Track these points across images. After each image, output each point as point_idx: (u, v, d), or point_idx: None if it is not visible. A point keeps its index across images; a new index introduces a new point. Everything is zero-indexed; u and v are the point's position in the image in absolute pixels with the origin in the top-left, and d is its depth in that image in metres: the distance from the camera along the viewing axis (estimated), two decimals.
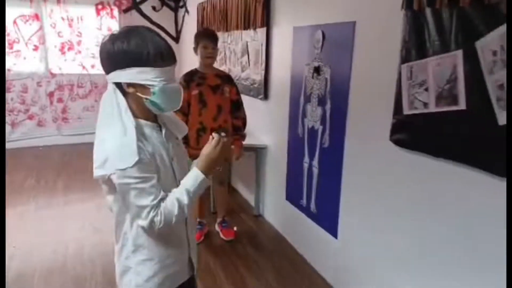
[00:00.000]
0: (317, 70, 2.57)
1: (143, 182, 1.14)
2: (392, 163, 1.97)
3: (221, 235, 3.16)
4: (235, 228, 3.29)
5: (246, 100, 3.66)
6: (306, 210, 2.82)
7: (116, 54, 1.13)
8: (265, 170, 3.50)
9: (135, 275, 1.27)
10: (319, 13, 2.54)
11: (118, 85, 1.17)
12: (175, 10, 6.10)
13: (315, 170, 2.68)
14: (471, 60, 1.50)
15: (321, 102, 2.55)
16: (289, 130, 2.99)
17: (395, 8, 1.84)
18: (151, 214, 1.15)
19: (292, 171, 3.00)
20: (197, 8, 4.86)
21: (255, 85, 3.47)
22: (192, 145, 2.93)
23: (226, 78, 2.96)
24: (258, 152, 3.47)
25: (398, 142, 1.89)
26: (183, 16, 5.82)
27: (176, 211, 1.18)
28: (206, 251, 2.98)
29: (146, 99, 1.17)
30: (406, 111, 1.82)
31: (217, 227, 3.24)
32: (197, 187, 1.23)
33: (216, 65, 3.05)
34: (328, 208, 2.54)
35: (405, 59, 1.79)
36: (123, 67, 1.13)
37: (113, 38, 1.15)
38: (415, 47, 1.75)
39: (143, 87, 1.16)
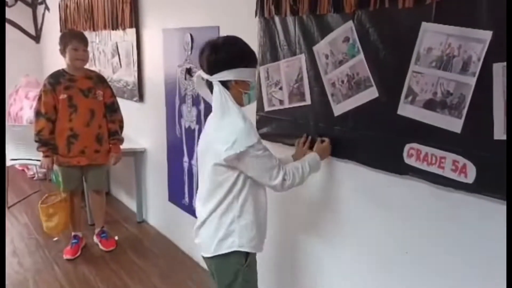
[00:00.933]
0: (189, 71, 2.64)
1: (266, 150, 1.48)
2: None
3: (101, 246, 3.01)
4: (116, 237, 3.16)
5: (120, 102, 3.52)
6: (188, 209, 2.88)
7: (227, 57, 1.42)
8: (145, 174, 3.44)
9: (239, 237, 1.51)
10: (186, 17, 2.61)
11: (223, 83, 1.44)
12: (33, 6, 5.48)
13: (195, 169, 2.75)
14: (311, 63, 1.75)
15: (195, 102, 2.63)
16: (167, 131, 3.00)
17: (252, 15, 2.02)
18: (281, 172, 1.49)
19: (173, 172, 3.03)
20: (59, 5, 4.46)
21: (129, 87, 3.38)
22: (61, 153, 2.72)
23: (98, 80, 2.80)
24: (137, 156, 3.39)
25: (262, 136, 2.07)
26: (43, 14, 5.27)
27: (299, 174, 1.55)
28: (85, 265, 2.81)
29: (245, 92, 1.48)
30: (267, 108, 2.02)
31: (95, 239, 3.07)
32: (316, 164, 1.64)
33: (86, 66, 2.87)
34: None
35: (262, 61, 1.99)
36: (232, 67, 1.42)
37: (220, 44, 1.44)
38: (269, 51, 1.95)
39: (244, 83, 1.47)
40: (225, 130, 1.44)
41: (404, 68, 1.41)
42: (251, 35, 2.05)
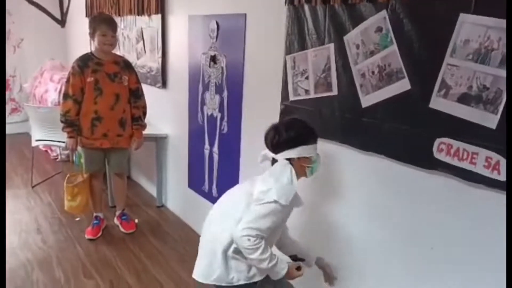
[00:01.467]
0: (213, 59, 2.64)
1: (276, 220, 1.51)
2: None
3: (121, 228, 3.07)
4: (136, 220, 3.22)
5: (143, 88, 3.57)
6: (208, 195, 2.91)
7: (289, 138, 1.57)
8: (166, 159, 3.48)
9: (237, 273, 1.55)
10: (212, 4, 2.60)
11: (287, 159, 1.57)
12: None
13: (216, 156, 2.77)
14: (341, 52, 1.73)
15: (219, 90, 2.63)
16: (189, 118, 3.02)
17: (281, 3, 2.00)
18: (256, 239, 1.46)
19: (194, 159, 3.05)
20: None
21: (152, 73, 3.40)
22: (85, 135, 2.77)
23: (125, 65, 2.83)
24: (158, 141, 3.42)
25: None
26: None
27: (259, 258, 1.47)
28: (106, 245, 2.87)
29: (308, 166, 1.60)
30: (292, 97, 2.01)
31: (116, 221, 3.14)
32: (271, 270, 1.52)
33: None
34: None
35: (289, 50, 1.97)
36: (294, 146, 1.56)
37: (282, 127, 1.61)
38: (296, 39, 1.93)
39: (306, 158, 1.59)
40: (271, 186, 1.52)
41: (438, 60, 1.38)
42: (278, 22, 2.04)
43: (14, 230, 3.00)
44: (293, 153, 1.57)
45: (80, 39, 4.89)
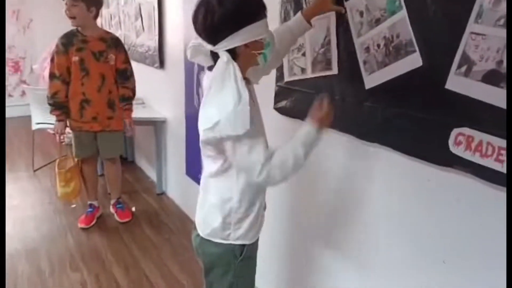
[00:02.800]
0: None
1: (252, 143, 1.16)
2: (277, 131, 1.89)
3: (116, 217, 2.93)
4: (133, 209, 3.08)
5: (142, 69, 3.39)
6: None
7: (228, 18, 1.10)
8: (166, 145, 3.29)
9: (234, 230, 1.30)
10: None
11: (230, 50, 1.13)
12: None
13: None
14: (343, 22, 1.43)
15: None
16: (186, 101, 2.80)
17: None
18: (265, 169, 1.17)
19: (190, 145, 2.84)
20: None
21: (150, 52, 3.19)
22: (74, 117, 2.61)
23: (112, 43, 2.59)
24: (157, 126, 3.23)
25: (280, 110, 1.81)
26: None
27: (291, 162, 1.19)
28: (98, 235, 2.74)
29: (259, 53, 1.18)
30: (287, 77, 1.73)
31: (111, 209, 2.99)
32: (313, 140, 1.23)
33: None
34: None
35: (284, 21, 1.69)
36: (238, 28, 1.11)
37: (215, 2, 1.09)
38: (292, 7, 1.64)
39: (256, 43, 1.16)
40: (213, 106, 1.14)
41: (459, 28, 1.07)
42: None
43: (9, 217, 2.91)
44: (238, 38, 1.12)
45: None
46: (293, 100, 1.73)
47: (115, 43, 2.61)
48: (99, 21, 4.28)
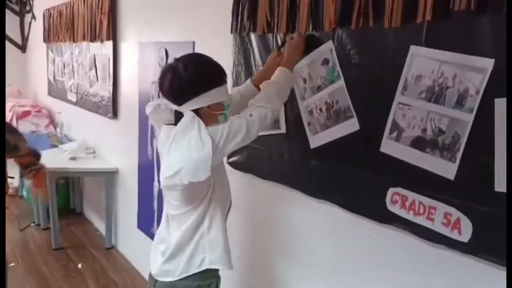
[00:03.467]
0: None
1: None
2: (231, 184, 1.92)
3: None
4: (79, 265, 2.89)
5: (94, 118, 3.34)
6: None
7: (196, 82, 1.22)
8: (116, 196, 3.18)
9: (209, 253, 1.33)
10: (161, 30, 2.42)
11: (194, 110, 1.23)
12: (20, 15, 5.32)
13: None
14: None
15: None
16: (139, 152, 2.77)
17: (228, 31, 1.82)
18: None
19: (143, 197, 2.78)
20: (43, 14, 4.30)
21: (104, 102, 3.16)
22: None
23: None
24: (107, 176, 3.13)
25: (233, 165, 1.85)
26: (30, 23, 5.11)
27: (267, 110, 1.27)
28: None
29: (221, 113, 1.28)
30: None
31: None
32: (287, 79, 1.35)
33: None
34: None
35: (236, 82, 1.77)
36: (202, 92, 1.22)
37: (181, 69, 1.21)
38: (243, 70, 1.74)
39: (218, 104, 1.27)
40: (176, 155, 1.22)
41: (389, 98, 1.20)
42: (227, 51, 1.85)
43: None
44: (202, 101, 1.23)
45: (39, 65, 4.65)
46: (245, 156, 1.78)
47: None
48: (51, 68, 4.25)
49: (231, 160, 1.86)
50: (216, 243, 1.34)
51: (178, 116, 1.27)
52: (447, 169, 1.07)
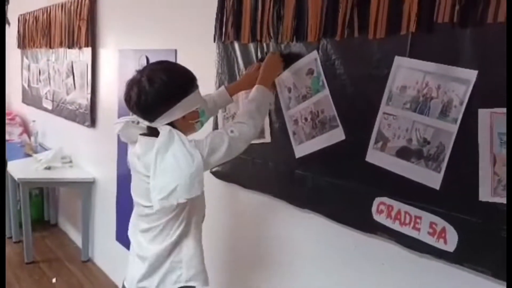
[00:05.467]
0: None
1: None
2: (213, 195, 1.89)
3: None
4: (54, 280, 2.76)
5: (71, 127, 3.24)
6: None
7: (165, 95, 1.13)
8: (94, 207, 3.08)
9: (187, 269, 1.28)
10: (143, 38, 2.38)
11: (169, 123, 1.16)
12: None
13: None
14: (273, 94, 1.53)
15: None
16: (118, 161, 2.70)
17: (211, 39, 1.80)
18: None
19: (121, 208, 2.69)
20: (18, 19, 4.17)
21: (81, 110, 3.07)
22: None
23: None
24: (85, 186, 3.04)
25: (216, 174, 1.82)
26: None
27: (248, 122, 1.23)
28: None
29: (197, 121, 1.23)
30: None
31: None
32: (264, 97, 1.33)
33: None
34: None
35: None
36: (173, 104, 1.15)
37: (146, 83, 1.13)
38: (227, 79, 1.72)
39: (192, 113, 1.21)
40: (167, 175, 1.13)
41: (374, 108, 1.20)
42: (209, 60, 1.83)
43: None
44: (175, 113, 1.16)
45: (13, 71, 4.49)
46: (229, 165, 1.75)
47: None
48: (26, 75, 4.12)
49: (214, 169, 1.83)
50: (192, 259, 1.30)
51: (152, 130, 1.20)
52: (433, 179, 1.08)
